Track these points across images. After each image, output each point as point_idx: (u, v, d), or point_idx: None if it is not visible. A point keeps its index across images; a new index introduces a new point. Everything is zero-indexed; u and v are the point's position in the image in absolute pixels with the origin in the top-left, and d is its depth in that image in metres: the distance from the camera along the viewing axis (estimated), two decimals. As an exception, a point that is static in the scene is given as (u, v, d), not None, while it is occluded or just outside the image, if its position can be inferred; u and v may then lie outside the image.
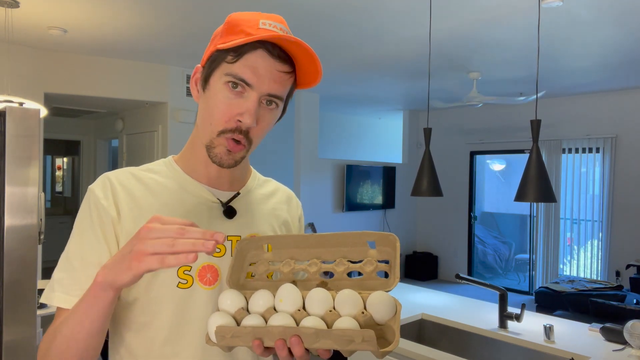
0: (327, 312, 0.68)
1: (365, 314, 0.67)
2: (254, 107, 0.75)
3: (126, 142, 5.73)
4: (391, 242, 0.73)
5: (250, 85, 0.75)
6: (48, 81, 4.20)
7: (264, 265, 0.80)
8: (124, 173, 0.83)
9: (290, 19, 3.27)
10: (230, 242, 0.84)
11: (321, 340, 0.62)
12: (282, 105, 0.81)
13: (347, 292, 0.69)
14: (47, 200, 8.50)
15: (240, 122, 0.75)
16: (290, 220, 0.96)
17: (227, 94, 0.75)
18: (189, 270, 0.79)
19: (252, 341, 0.66)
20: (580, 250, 6.05)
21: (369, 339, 0.60)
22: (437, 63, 4.47)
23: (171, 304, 0.78)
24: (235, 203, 0.87)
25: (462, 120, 7.18)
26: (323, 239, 0.78)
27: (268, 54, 0.74)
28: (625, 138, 5.68)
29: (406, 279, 7.36)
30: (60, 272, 0.77)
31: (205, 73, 0.79)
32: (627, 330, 1.78)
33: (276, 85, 0.76)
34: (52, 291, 0.76)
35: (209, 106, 0.78)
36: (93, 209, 0.79)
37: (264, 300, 0.72)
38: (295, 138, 6.05)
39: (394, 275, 0.71)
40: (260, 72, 0.74)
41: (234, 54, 0.74)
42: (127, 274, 0.63)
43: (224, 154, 0.78)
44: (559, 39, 3.66)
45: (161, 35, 3.74)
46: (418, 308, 2.38)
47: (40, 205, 1.81)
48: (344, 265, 0.75)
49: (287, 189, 1.00)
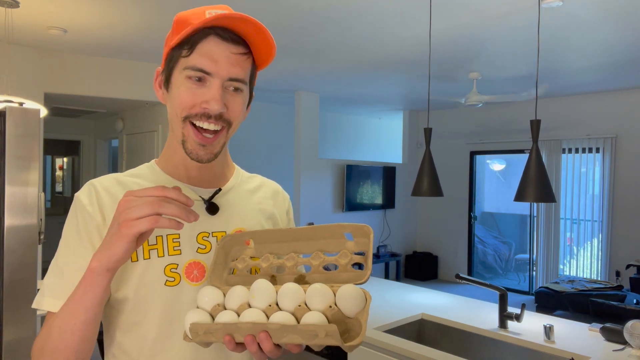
0: (297, 307, 0.69)
1: (333, 307, 0.68)
2: (219, 93, 0.76)
3: (126, 142, 5.74)
4: (366, 232, 0.74)
5: (210, 73, 0.75)
6: (48, 81, 4.20)
7: (245, 261, 0.81)
8: (109, 179, 0.85)
9: (290, 18, 3.27)
10: (215, 238, 0.84)
11: (288, 335, 0.64)
12: (247, 89, 0.81)
13: (317, 286, 0.70)
14: (47, 200, 8.50)
15: (207, 108, 0.76)
16: (278, 214, 0.96)
17: (190, 86, 0.76)
18: (176, 268, 0.81)
19: (223, 337, 0.68)
20: (580, 250, 6.05)
21: (332, 333, 0.61)
22: (437, 63, 4.47)
23: (160, 302, 0.79)
24: (218, 199, 0.87)
25: (462, 120, 7.18)
26: (301, 233, 0.79)
27: (220, 39, 0.75)
28: (625, 138, 5.68)
29: (406, 279, 7.36)
30: (49, 278, 0.79)
31: (166, 73, 0.80)
32: (627, 330, 1.78)
33: (235, 68, 0.77)
34: (43, 296, 0.78)
35: (173, 100, 0.79)
36: (79, 215, 0.80)
37: (239, 297, 0.74)
38: (295, 138, 6.05)
39: (366, 267, 0.71)
40: (217, 57, 0.75)
41: (187, 46, 0.75)
42: (120, 244, 0.65)
43: (198, 149, 0.78)
44: (559, 39, 3.66)
45: (161, 36, 3.74)
46: (418, 308, 2.38)
47: (40, 205, 1.81)
48: (319, 259, 0.76)
49: (273, 183, 1.01)
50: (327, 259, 0.76)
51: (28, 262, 1.69)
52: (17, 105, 1.67)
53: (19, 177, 1.69)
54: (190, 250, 0.82)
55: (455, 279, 2.17)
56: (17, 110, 1.65)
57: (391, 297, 2.56)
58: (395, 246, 7.36)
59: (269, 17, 3.22)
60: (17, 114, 1.65)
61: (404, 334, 2.19)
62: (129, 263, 0.79)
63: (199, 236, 0.83)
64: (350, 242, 0.76)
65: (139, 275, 0.79)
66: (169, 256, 0.80)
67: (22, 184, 1.69)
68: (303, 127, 5.99)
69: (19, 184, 1.69)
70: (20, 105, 2.01)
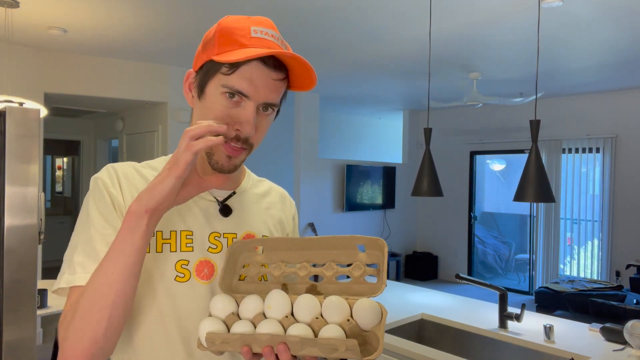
0: (314, 319, 0.70)
1: (351, 321, 0.68)
2: (252, 116, 0.76)
3: (126, 142, 5.74)
4: (380, 246, 0.74)
5: (247, 96, 0.76)
6: (48, 81, 4.20)
7: (255, 267, 0.82)
8: (127, 167, 0.85)
9: (290, 18, 3.27)
10: (226, 239, 0.85)
11: (307, 348, 0.65)
12: (277, 108, 0.82)
13: (333, 299, 0.71)
14: (47, 200, 8.50)
15: (239, 131, 0.77)
16: (285, 219, 0.97)
17: (224, 103, 0.76)
18: (187, 264, 0.81)
19: (241, 347, 0.68)
20: (580, 250, 6.05)
21: (352, 347, 0.62)
22: (437, 63, 4.47)
23: (169, 297, 0.79)
24: (231, 202, 0.88)
25: (462, 120, 7.18)
26: (313, 242, 0.79)
27: (263, 65, 0.75)
28: (625, 138, 5.68)
29: (406, 279, 7.36)
30: (80, 256, 0.76)
31: (200, 81, 0.80)
32: (627, 330, 1.78)
33: (272, 93, 0.77)
34: (74, 273, 0.75)
35: (206, 114, 0.78)
36: (104, 192, 0.80)
37: (254, 306, 0.74)
38: (295, 138, 6.05)
39: (380, 281, 0.72)
40: (256, 82, 0.75)
41: (229, 66, 0.75)
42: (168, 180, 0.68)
43: (224, 161, 0.79)
44: (559, 39, 3.66)
45: (161, 36, 3.74)
46: (418, 308, 2.38)
47: (40, 205, 1.81)
48: (333, 269, 0.77)
49: (280, 188, 1.02)
50: (341, 270, 0.77)
51: (28, 262, 1.69)
52: (17, 105, 1.67)
53: (19, 177, 1.69)
54: (202, 249, 0.83)
55: (455, 279, 2.17)
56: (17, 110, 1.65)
57: (391, 297, 2.56)
58: (395, 246, 7.36)
59: (269, 17, 3.21)
60: (17, 114, 1.65)
61: (404, 334, 2.19)
62: None
63: (211, 236, 0.84)
64: (362, 254, 0.76)
65: (150, 268, 0.79)
66: (181, 252, 0.81)
67: (22, 184, 1.69)
68: (303, 127, 5.99)
69: (19, 184, 1.69)
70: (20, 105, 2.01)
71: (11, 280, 1.64)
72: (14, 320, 1.65)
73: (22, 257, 1.66)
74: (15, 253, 1.65)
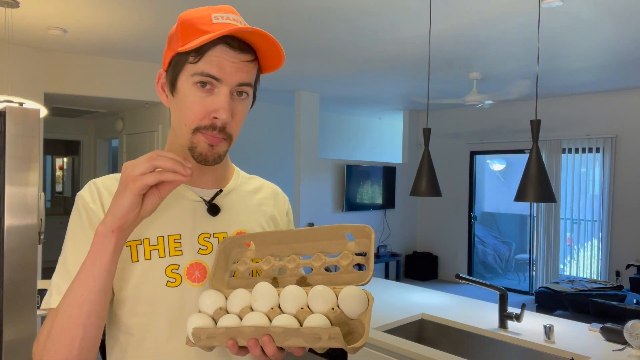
0: (300, 309, 0.69)
1: (336, 310, 0.67)
2: (227, 101, 0.76)
3: (126, 142, 5.74)
4: (367, 233, 0.73)
5: (219, 79, 0.75)
6: (48, 81, 4.20)
7: (246, 263, 0.81)
8: (110, 179, 0.86)
9: (291, 18, 3.27)
10: (216, 239, 0.84)
11: (291, 339, 0.64)
12: (252, 93, 0.82)
13: (319, 288, 0.70)
14: (47, 200, 8.49)
15: (216, 118, 0.76)
16: (278, 214, 0.96)
17: (198, 94, 0.76)
18: (177, 269, 0.80)
19: (226, 342, 0.68)
20: (580, 250, 6.05)
21: (335, 336, 0.61)
22: (437, 63, 4.47)
23: (162, 303, 0.79)
24: (219, 200, 0.87)
25: (462, 120, 7.18)
26: (303, 234, 0.79)
27: (229, 48, 0.75)
28: (625, 138, 5.68)
29: (406, 279, 7.36)
30: (57, 278, 0.79)
31: (171, 77, 0.80)
32: (627, 330, 1.78)
33: (243, 74, 0.77)
34: (50, 295, 0.77)
35: (182, 108, 0.78)
36: (83, 213, 0.81)
37: (241, 300, 0.73)
38: (295, 138, 6.05)
39: (368, 269, 0.71)
40: (224, 66, 0.75)
41: (195, 54, 0.75)
42: (125, 198, 0.67)
43: (207, 150, 0.79)
44: (559, 39, 3.66)
45: (161, 36, 3.74)
46: (418, 308, 2.38)
47: (40, 205, 1.81)
48: (321, 260, 0.76)
49: (272, 184, 1.01)
50: (328, 260, 0.76)
51: (28, 262, 1.69)
52: (17, 105, 1.67)
53: (19, 177, 1.69)
54: (192, 251, 0.82)
55: (455, 279, 2.17)
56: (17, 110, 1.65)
57: (391, 297, 2.56)
58: (395, 246, 7.36)
59: (269, 17, 3.22)
60: (17, 114, 1.65)
61: (404, 334, 2.19)
62: (129, 263, 0.79)
63: (201, 237, 0.83)
64: (351, 243, 0.76)
65: (140, 276, 0.78)
66: (170, 257, 0.80)
67: (22, 184, 1.69)
68: (303, 127, 5.99)
69: (19, 184, 1.69)
70: (20, 105, 2.01)
71: (11, 280, 1.64)
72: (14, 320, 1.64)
73: (22, 257, 1.65)
74: (15, 253, 1.64)
